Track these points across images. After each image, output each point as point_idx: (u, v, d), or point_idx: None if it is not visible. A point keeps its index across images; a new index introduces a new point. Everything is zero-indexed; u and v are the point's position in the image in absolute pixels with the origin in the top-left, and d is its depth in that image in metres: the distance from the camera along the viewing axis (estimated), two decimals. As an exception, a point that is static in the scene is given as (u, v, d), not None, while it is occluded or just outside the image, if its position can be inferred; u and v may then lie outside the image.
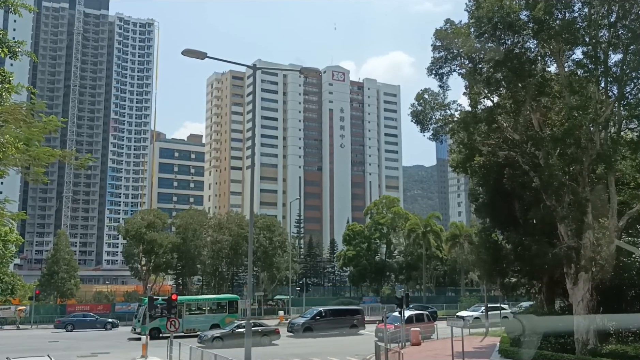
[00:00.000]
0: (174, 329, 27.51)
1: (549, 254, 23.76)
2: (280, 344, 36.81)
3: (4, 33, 16.07)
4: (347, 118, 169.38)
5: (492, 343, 31.52)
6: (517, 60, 22.61)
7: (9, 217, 43.42)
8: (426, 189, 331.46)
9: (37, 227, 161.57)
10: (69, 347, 35.36)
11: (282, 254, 78.25)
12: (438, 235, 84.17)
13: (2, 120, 24.91)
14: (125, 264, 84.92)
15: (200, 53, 19.06)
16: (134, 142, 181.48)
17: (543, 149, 22.68)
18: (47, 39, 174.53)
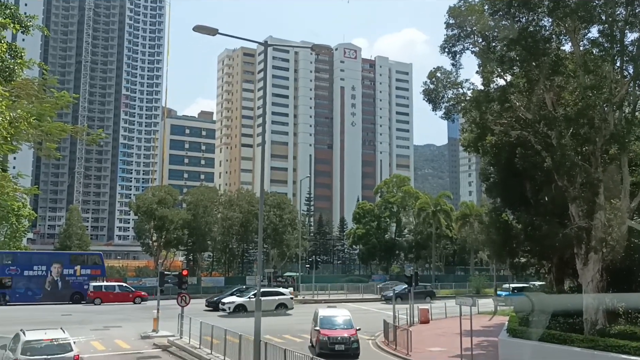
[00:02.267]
0: (184, 304, 27.84)
1: (560, 235, 23.67)
2: (294, 313, 37.36)
3: (16, 8, 16.07)
4: (359, 96, 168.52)
5: (501, 322, 31.67)
6: (531, 39, 22.28)
7: (22, 192, 43.88)
8: (437, 168, 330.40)
9: (50, 202, 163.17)
10: (82, 320, 35.93)
11: (292, 231, 78.63)
12: (448, 215, 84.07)
13: (15, 95, 25.01)
14: (137, 240, 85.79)
15: (211, 29, 18.95)
16: (145, 118, 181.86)
17: (556, 129, 22.46)
18: (58, 14, 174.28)
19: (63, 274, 52.10)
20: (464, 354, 21.20)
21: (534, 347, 20.84)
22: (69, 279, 52.15)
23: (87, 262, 54.97)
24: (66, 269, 52.47)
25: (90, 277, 52.43)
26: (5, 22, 14.79)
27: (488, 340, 26.59)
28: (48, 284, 51.04)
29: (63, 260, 53.77)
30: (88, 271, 53.10)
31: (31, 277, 50.71)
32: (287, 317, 39.72)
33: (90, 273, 53.02)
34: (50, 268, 51.64)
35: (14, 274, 49.80)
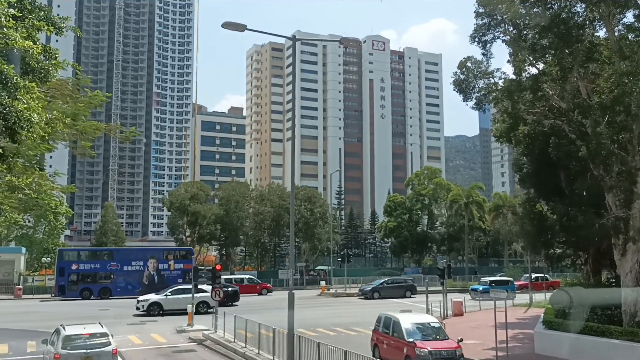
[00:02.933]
0: (218, 299, 28.17)
1: (596, 225, 23.22)
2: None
3: (49, 10, 16.41)
4: (388, 88, 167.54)
5: (536, 314, 31.24)
6: (564, 26, 21.82)
7: (59, 190, 44.97)
8: (469, 159, 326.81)
9: (86, 200, 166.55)
10: (119, 314, 36.64)
11: (323, 225, 78.83)
12: (481, 206, 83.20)
13: (50, 96, 25.60)
14: (171, 235, 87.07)
15: (239, 25, 19.01)
16: (176, 115, 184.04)
17: (591, 117, 21.99)
18: (90, 14, 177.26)
19: (158, 268, 54.42)
20: (499, 347, 20.99)
21: (571, 340, 20.53)
22: (164, 273, 54.37)
23: (179, 257, 56.97)
24: (161, 264, 54.85)
25: (183, 271, 54.45)
26: (40, 24, 15.11)
27: (524, 333, 26.29)
28: (145, 278, 53.28)
29: (158, 256, 55.96)
30: (181, 265, 55.19)
31: (130, 272, 53.08)
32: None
33: (183, 267, 55.05)
34: (146, 263, 54.11)
35: (115, 270, 52.50)
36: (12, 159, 15.84)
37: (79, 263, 52.44)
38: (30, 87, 13.41)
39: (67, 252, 55.76)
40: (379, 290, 48.90)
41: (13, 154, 15.79)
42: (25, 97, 13.07)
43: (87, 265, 52.36)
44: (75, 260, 52.69)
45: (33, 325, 30.68)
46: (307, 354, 17.76)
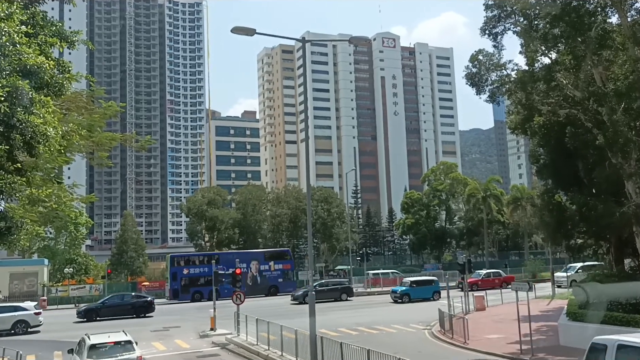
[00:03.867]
0: (239, 302, 28.29)
1: (617, 214, 22.97)
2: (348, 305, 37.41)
3: (61, 25, 16.61)
4: (400, 85, 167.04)
5: (559, 306, 30.95)
6: (575, 14, 21.63)
7: (79, 201, 45.47)
8: (484, 152, 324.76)
9: (105, 209, 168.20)
10: (142, 322, 36.94)
11: (340, 224, 78.78)
12: (499, 199, 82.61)
13: (65, 108, 25.89)
14: (190, 241, 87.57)
15: (249, 30, 19.08)
16: (190, 121, 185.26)
17: (606, 105, 21.76)
18: (101, 25, 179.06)
19: (260, 269, 57.09)
20: (523, 340, 20.83)
21: (595, 330, 20.27)
22: (265, 274, 57.07)
23: (278, 258, 59.44)
24: (262, 265, 57.45)
25: (282, 272, 57.67)
26: (53, 40, 15.31)
27: (547, 325, 26.04)
28: (249, 279, 55.28)
29: (259, 258, 58.50)
30: (280, 266, 58.05)
31: None
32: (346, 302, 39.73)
33: (282, 267, 58.06)
34: (249, 265, 56.46)
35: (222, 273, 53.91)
36: (30, 173, 16.05)
37: (189, 268, 54.91)
38: (45, 102, 13.59)
39: (178, 258, 57.64)
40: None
41: (32, 167, 16.01)
42: (40, 111, 13.24)
43: (196, 270, 54.61)
44: (186, 265, 55.20)
45: (59, 336, 31.07)
46: (330, 354, 17.77)
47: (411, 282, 44.37)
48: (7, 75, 12.59)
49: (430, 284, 45.05)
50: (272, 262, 58.12)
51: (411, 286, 43.57)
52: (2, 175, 14.79)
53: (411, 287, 43.57)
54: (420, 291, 43.68)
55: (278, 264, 58.05)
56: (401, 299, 42.91)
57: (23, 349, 21.52)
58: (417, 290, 43.52)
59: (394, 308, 40.74)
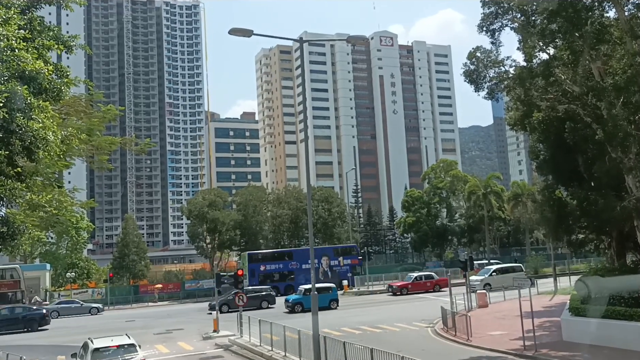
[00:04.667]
0: (242, 303, 28.32)
1: (617, 208, 22.97)
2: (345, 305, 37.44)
3: (59, 29, 16.61)
4: (398, 83, 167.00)
5: (562, 302, 30.96)
6: (572, 9, 21.61)
7: (79, 206, 45.50)
8: (484, 149, 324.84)
9: (106, 213, 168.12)
10: (146, 325, 36.97)
11: (341, 224, 78.77)
12: (499, 196, 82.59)
13: (64, 113, 25.90)
14: (191, 243, 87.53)
15: (246, 31, 19.09)
16: (189, 124, 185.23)
17: (605, 99, 21.75)
18: (98, 29, 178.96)
19: (330, 264, 60.10)
20: (526, 336, 20.84)
21: (598, 325, 20.32)
22: (335, 269, 60.02)
23: (347, 254, 62.09)
24: (332, 260, 60.49)
25: (350, 266, 60.67)
26: (50, 44, 15.31)
27: (550, 321, 26.04)
28: (321, 274, 57.78)
29: (329, 254, 61.43)
30: (348, 261, 60.98)
31: (308, 270, 56.29)
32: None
33: (350, 262, 61.00)
34: (320, 261, 59.21)
35: (295, 268, 57.95)
36: (31, 179, 16.06)
37: (266, 264, 58.36)
38: (44, 107, 13.59)
39: (255, 255, 60.66)
40: (228, 303, 41.32)
41: (32, 173, 16.01)
42: (40, 116, 13.24)
43: (272, 266, 58.35)
44: (262, 262, 58.55)
45: (62, 340, 31.10)
46: (333, 354, 17.78)
47: (305, 291, 39.93)
48: (6, 81, 12.60)
49: (328, 291, 40.92)
50: (341, 257, 61.16)
51: (305, 294, 39.13)
52: (3, 180, 14.80)
53: (305, 295, 39.02)
54: None
55: (347, 259, 60.99)
56: (293, 308, 39.37)
57: (26, 354, 21.55)
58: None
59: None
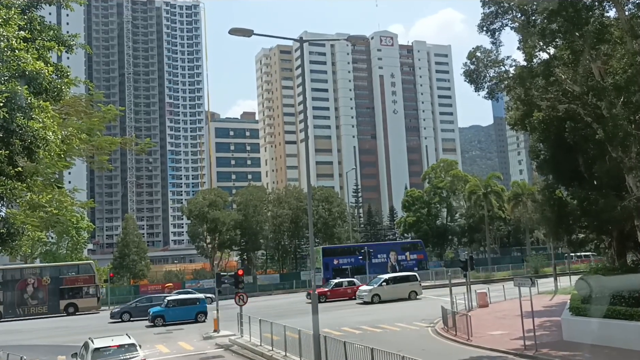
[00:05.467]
0: (242, 303, 28.30)
1: (618, 207, 22.97)
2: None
3: (59, 29, 16.60)
4: (399, 83, 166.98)
5: (562, 301, 30.96)
6: (572, 8, 21.61)
7: (79, 206, 45.49)
8: (484, 149, 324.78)
9: (106, 213, 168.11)
10: (142, 324, 36.93)
11: (342, 224, 78.78)
12: (500, 196, 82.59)
13: (65, 113, 25.89)
14: (191, 243, 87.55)
15: (246, 31, 19.08)
16: (189, 124, 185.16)
17: (606, 99, 21.75)
18: (98, 29, 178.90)
19: (398, 259, 64.29)
20: (527, 336, 20.83)
21: (599, 325, 20.31)
22: (402, 263, 63.68)
23: (413, 249, 66.69)
24: (400, 255, 64.69)
25: (417, 261, 64.72)
26: (50, 44, 15.30)
27: (551, 321, 26.05)
28: (389, 268, 61.06)
29: (396, 249, 65.91)
30: (414, 256, 65.25)
31: (377, 264, 61.34)
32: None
33: (417, 257, 65.21)
34: (389, 256, 63.81)
35: (365, 263, 60.62)
36: (31, 179, 16.05)
37: (339, 258, 62.13)
38: (44, 107, 13.58)
39: (329, 249, 64.91)
40: (129, 311, 40.76)
41: (32, 172, 16.01)
42: (40, 116, 13.23)
43: (344, 260, 62.03)
44: (335, 256, 62.32)
45: (62, 340, 31.10)
46: (333, 353, 17.78)
47: (168, 302, 37.46)
48: (6, 81, 12.59)
49: (194, 303, 38.14)
50: (408, 252, 65.14)
51: (168, 306, 36.78)
52: (3, 180, 14.79)
53: (168, 307, 36.78)
54: (180, 312, 37.02)
55: (413, 254, 64.90)
56: (153, 322, 35.96)
57: (27, 354, 21.55)
58: (176, 312, 36.99)
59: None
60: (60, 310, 50.24)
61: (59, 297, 50.92)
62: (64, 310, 50.21)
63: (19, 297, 50.30)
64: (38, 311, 50.16)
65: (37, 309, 50.30)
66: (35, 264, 61.81)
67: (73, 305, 50.61)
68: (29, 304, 50.46)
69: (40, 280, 51.70)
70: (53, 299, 50.95)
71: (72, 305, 50.51)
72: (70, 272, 53.49)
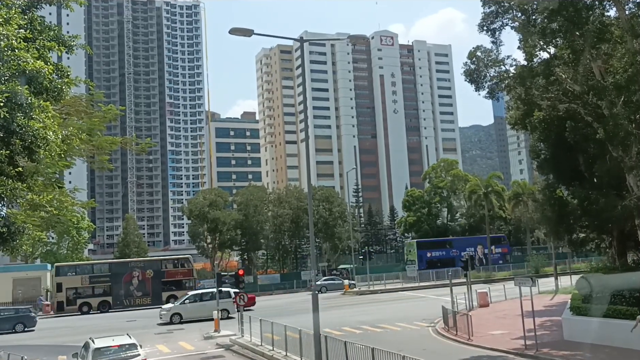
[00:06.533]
0: (242, 303, 28.31)
1: (618, 207, 22.98)
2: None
3: (59, 29, 16.60)
4: (399, 83, 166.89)
5: (563, 301, 30.96)
6: (572, 8, 21.60)
7: (80, 206, 45.50)
8: (485, 148, 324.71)
9: (106, 213, 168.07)
10: (146, 325, 36.97)
11: (342, 224, 78.75)
12: (500, 195, 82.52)
13: (65, 113, 25.89)
14: (192, 243, 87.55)
15: (246, 31, 19.06)
16: (190, 124, 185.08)
17: (606, 98, 21.73)
18: (99, 29, 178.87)
19: (484, 252, 70.37)
20: (527, 335, 20.82)
21: (599, 324, 20.30)
22: (488, 256, 69.42)
23: (497, 243, 72.00)
24: (486, 249, 70.23)
25: (501, 254, 70.41)
26: (51, 44, 15.29)
27: (551, 320, 26.04)
28: (477, 261, 64.90)
29: (483, 243, 71.73)
30: (499, 250, 70.72)
31: None
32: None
33: (501, 251, 70.85)
34: (476, 249, 69.55)
35: (455, 255, 64.15)
36: (31, 179, 16.04)
37: (431, 251, 68.28)
38: (44, 106, 13.58)
39: (423, 243, 71.43)
40: None
41: (33, 172, 15.99)
42: (40, 116, 13.22)
43: (436, 253, 68.35)
44: (428, 249, 68.59)
45: (63, 340, 31.12)
46: (334, 353, 17.77)
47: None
48: (6, 81, 12.59)
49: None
50: (494, 246, 69.95)
51: None
52: (3, 180, 14.78)
53: None
54: None
55: (498, 248, 69.58)
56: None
57: (28, 354, 21.55)
58: None
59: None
60: (163, 302, 51.50)
61: (161, 289, 54.75)
62: (166, 301, 51.37)
63: (125, 289, 54.15)
64: (143, 302, 54.05)
65: (142, 300, 54.24)
66: (139, 258, 67.13)
67: (174, 296, 51.64)
68: (134, 296, 54.50)
69: (144, 273, 55.49)
70: (156, 290, 54.75)
71: (173, 296, 51.90)
72: (171, 265, 57.72)
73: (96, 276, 53.46)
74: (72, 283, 52.35)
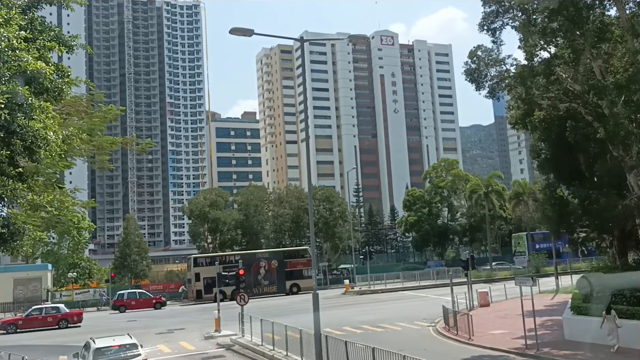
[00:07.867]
0: (243, 303, 28.30)
1: (619, 206, 22.96)
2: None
3: (60, 30, 16.61)
4: (399, 82, 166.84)
5: (564, 300, 30.95)
6: (573, 7, 21.59)
7: (80, 206, 45.52)
8: (485, 148, 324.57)
9: (107, 213, 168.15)
10: (147, 325, 36.98)
11: (343, 223, 78.69)
12: (501, 195, 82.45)
13: (65, 113, 25.89)
14: (192, 243, 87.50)
15: (247, 30, 19.07)
16: (190, 124, 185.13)
17: (607, 98, 21.72)
18: (99, 29, 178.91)
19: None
20: (528, 335, 20.82)
21: (600, 324, 20.28)
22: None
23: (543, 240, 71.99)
24: None
25: None
26: (51, 45, 15.30)
27: (552, 320, 26.02)
28: (579, 253, 65.33)
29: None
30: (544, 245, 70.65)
31: None
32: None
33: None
34: None
35: (559, 247, 64.80)
36: (32, 179, 16.04)
37: (540, 243, 70.43)
38: (45, 107, 13.58)
39: (531, 235, 73.42)
40: None
41: (33, 173, 16.00)
42: (40, 116, 13.23)
43: (543, 245, 69.17)
44: (537, 242, 71.25)
45: (64, 340, 31.13)
46: (335, 353, 17.77)
47: None
48: (7, 82, 12.59)
49: None
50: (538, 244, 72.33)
51: None
52: (4, 181, 14.79)
53: None
54: None
55: (542, 244, 70.98)
56: None
57: (28, 354, 21.57)
58: None
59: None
60: (287, 291, 57.65)
61: (285, 278, 58.70)
62: (289, 290, 57.56)
63: (254, 279, 57.14)
64: (270, 290, 58.13)
65: (269, 289, 58.30)
66: (265, 250, 68.70)
67: (296, 285, 57.99)
68: (262, 284, 58.40)
69: (270, 263, 59.44)
70: (281, 279, 58.83)
71: (295, 285, 57.89)
72: (292, 256, 61.32)
73: (229, 267, 53.64)
74: (208, 273, 54.35)
